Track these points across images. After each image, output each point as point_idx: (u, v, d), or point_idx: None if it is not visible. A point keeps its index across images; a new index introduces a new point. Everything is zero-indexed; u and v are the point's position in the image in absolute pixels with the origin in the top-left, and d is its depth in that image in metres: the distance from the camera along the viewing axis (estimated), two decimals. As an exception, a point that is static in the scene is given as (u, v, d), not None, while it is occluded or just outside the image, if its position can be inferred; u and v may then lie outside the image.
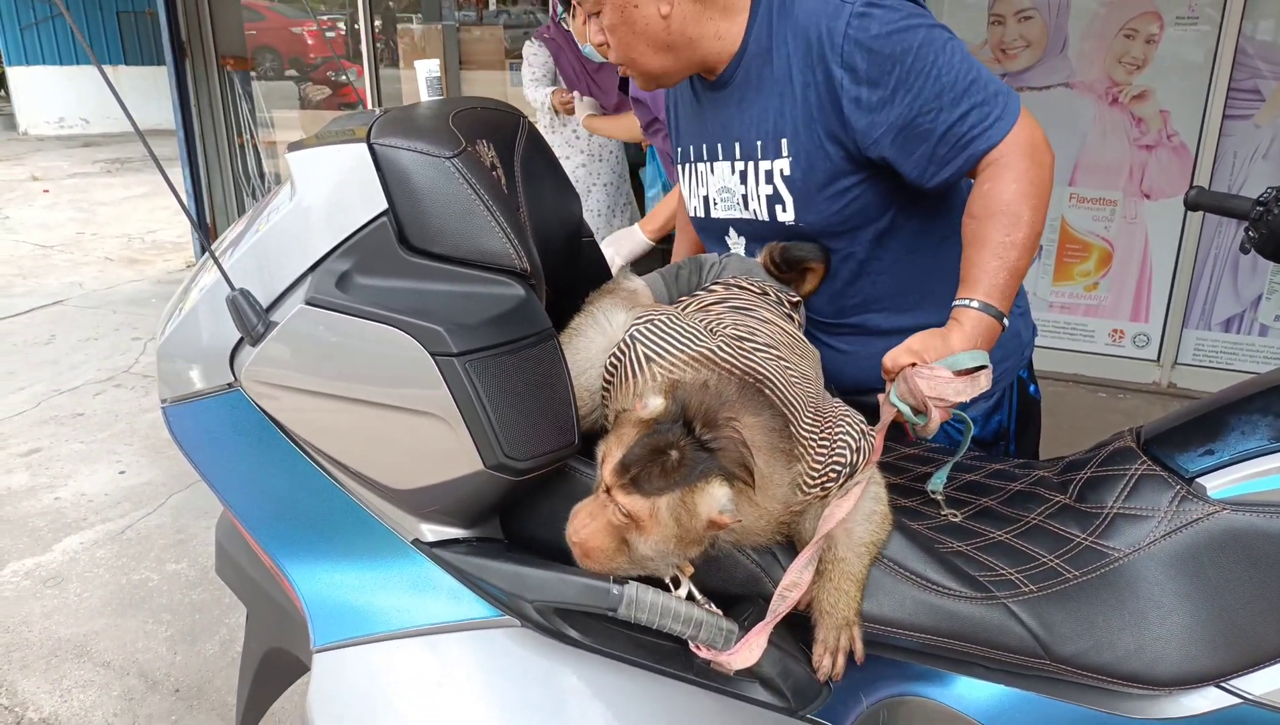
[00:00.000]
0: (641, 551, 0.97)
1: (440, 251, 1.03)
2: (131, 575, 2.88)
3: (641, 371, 1.09)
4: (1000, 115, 1.25)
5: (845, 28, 1.23)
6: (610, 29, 1.33)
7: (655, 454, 0.95)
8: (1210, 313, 3.89)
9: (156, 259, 6.65)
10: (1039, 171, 1.25)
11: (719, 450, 0.96)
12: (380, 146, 1.02)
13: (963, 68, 1.23)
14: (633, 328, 1.14)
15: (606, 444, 1.01)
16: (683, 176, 1.58)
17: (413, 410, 0.98)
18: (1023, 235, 1.25)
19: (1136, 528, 1.20)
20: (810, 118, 1.30)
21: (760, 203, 1.40)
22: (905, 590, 1.15)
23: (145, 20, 12.62)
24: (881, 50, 1.22)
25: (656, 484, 0.94)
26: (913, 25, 1.23)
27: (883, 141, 1.27)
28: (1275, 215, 1.42)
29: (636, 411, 0.99)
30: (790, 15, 1.30)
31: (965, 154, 1.26)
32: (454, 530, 1.07)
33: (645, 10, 1.28)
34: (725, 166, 1.45)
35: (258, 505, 1.12)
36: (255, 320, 1.00)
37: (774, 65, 1.32)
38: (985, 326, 1.24)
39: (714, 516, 0.95)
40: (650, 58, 1.35)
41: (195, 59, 5.65)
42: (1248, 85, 3.57)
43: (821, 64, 1.26)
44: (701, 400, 0.98)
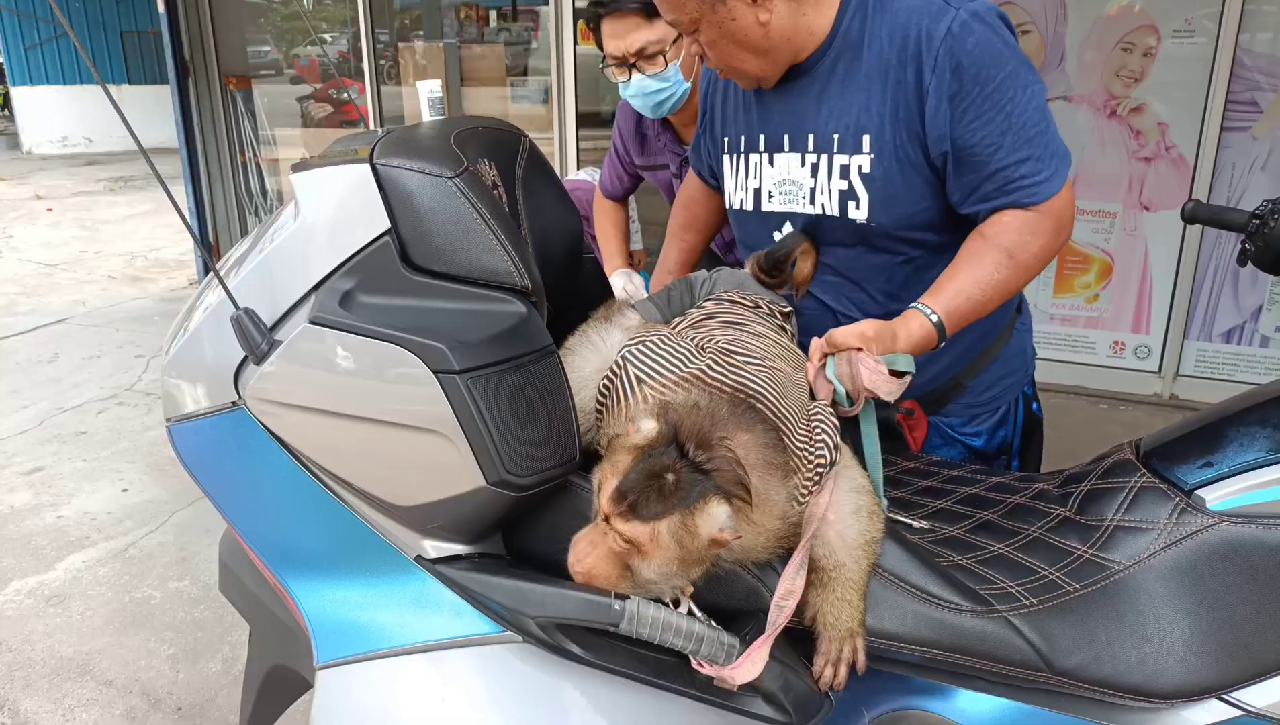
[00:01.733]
0: (645, 576, 0.98)
1: (442, 270, 1.04)
2: (134, 593, 2.88)
3: (633, 393, 1.10)
4: (1050, 177, 1.27)
5: (945, 33, 1.23)
6: (709, 44, 1.34)
7: (651, 479, 0.95)
8: (1211, 324, 3.90)
9: (159, 277, 6.68)
10: (1057, 243, 1.31)
11: (714, 471, 0.96)
12: (383, 167, 1.03)
13: (1036, 115, 1.25)
14: (624, 349, 1.15)
15: (601, 471, 1.01)
16: (729, 167, 1.55)
17: (415, 427, 0.99)
18: (1009, 279, 1.30)
19: (1136, 540, 1.20)
20: (896, 116, 1.29)
21: (831, 198, 1.38)
22: (906, 604, 1.15)
23: (149, 39, 12.70)
24: (969, 68, 1.23)
25: (655, 509, 0.95)
26: (1005, 55, 1.23)
27: (943, 155, 1.29)
28: (1271, 228, 1.43)
29: (629, 436, 1.00)
30: (887, 10, 1.29)
31: (1006, 200, 1.28)
32: (456, 547, 1.08)
33: (743, 21, 1.29)
34: (793, 159, 1.43)
35: (261, 523, 1.13)
36: (259, 339, 1.01)
37: (864, 59, 1.31)
38: (928, 337, 1.29)
39: (715, 535, 0.95)
40: (750, 63, 1.35)
41: (198, 77, 5.70)
42: (1245, 97, 3.59)
43: (915, 63, 1.26)
44: (694, 421, 0.98)
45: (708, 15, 1.28)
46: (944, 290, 1.30)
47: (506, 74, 5.59)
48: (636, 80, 1.99)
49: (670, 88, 2.00)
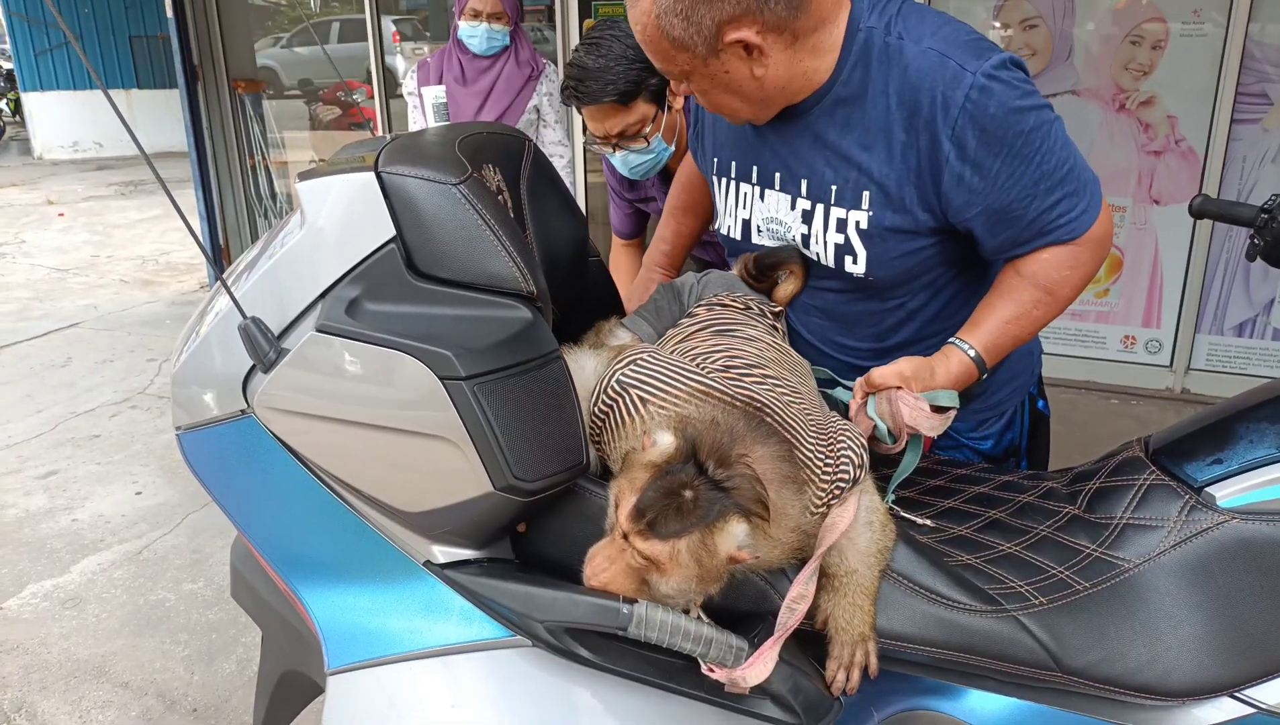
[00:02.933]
0: (662, 591, 0.99)
1: (448, 276, 1.04)
2: (149, 596, 2.91)
3: (637, 414, 1.09)
4: (1086, 208, 1.24)
5: (964, 100, 1.17)
6: (701, 91, 1.28)
7: (670, 497, 0.95)
8: (1223, 318, 3.87)
9: (170, 280, 6.72)
10: (1095, 266, 1.29)
11: (734, 489, 0.96)
12: (387, 174, 1.03)
13: (1063, 155, 1.21)
14: (617, 373, 1.14)
15: (618, 487, 1.01)
16: (719, 190, 1.51)
17: (422, 433, 1.00)
18: (1046, 313, 1.29)
19: (1146, 538, 1.20)
20: (904, 179, 1.24)
21: (826, 249, 1.34)
22: (916, 605, 1.15)
23: (158, 44, 12.76)
24: (994, 132, 1.18)
25: (674, 527, 0.95)
26: (1026, 107, 1.19)
27: (975, 219, 1.25)
28: (1279, 223, 1.42)
29: (645, 451, 1.00)
30: (896, 65, 1.21)
31: (1045, 240, 1.25)
32: (465, 552, 1.08)
33: (738, 74, 1.22)
34: (782, 199, 1.38)
35: (271, 530, 1.13)
36: (267, 347, 1.01)
37: (867, 113, 1.25)
38: (968, 373, 1.29)
39: (733, 553, 0.96)
40: (743, 110, 1.30)
41: (207, 82, 5.72)
42: (1255, 89, 3.56)
43: (929, 129, 1.20)
44: (713, 437, 0.98)
45: (700, 69, 1.22)
46: (981, 325, 1.29)
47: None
48: (620, 154, 2.01)
49: (654, 157, 2.01)
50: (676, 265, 1.84)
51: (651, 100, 1.92)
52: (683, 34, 1.16)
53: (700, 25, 1.15)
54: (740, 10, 1.14)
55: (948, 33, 1.21)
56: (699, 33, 1.16)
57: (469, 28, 3.20)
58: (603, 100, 1.89)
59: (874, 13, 1.25)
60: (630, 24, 1.22)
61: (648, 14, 1.16)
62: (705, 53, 1.18)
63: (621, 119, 1.93)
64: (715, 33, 1.16)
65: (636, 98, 1.90)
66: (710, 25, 1.15)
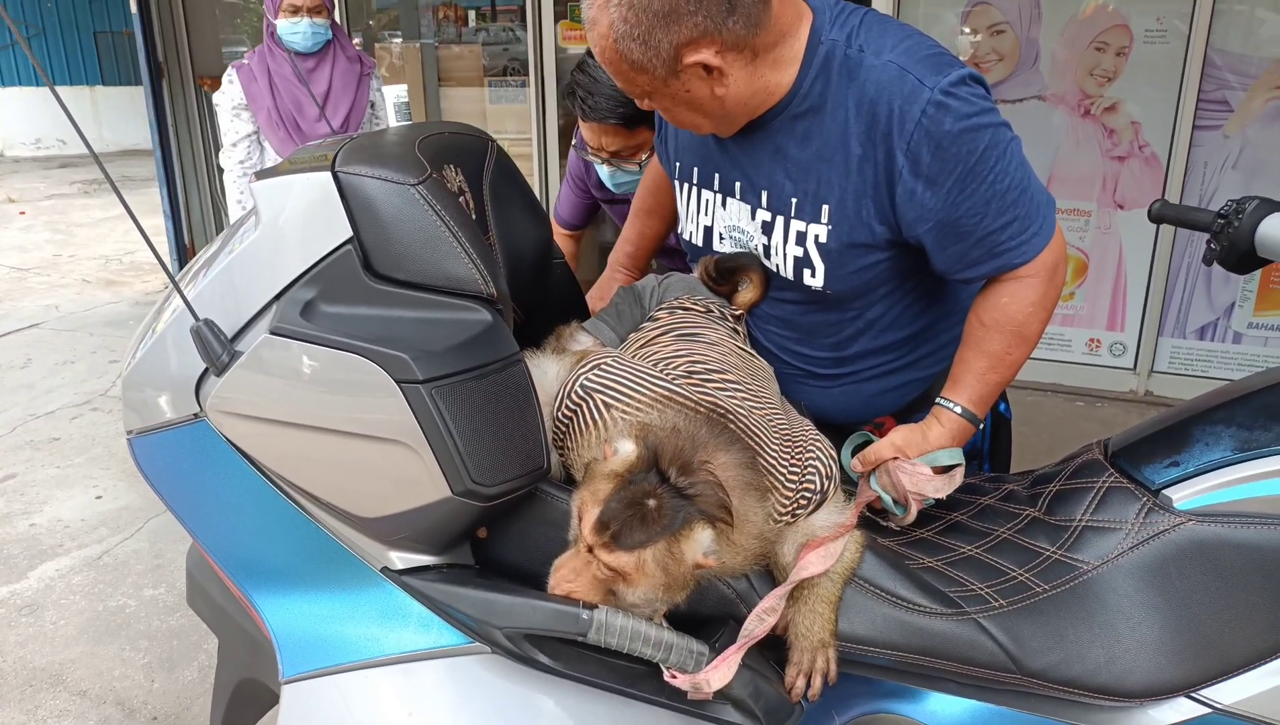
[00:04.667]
0: (629, 601, 0.99)
1: (406, 278, 1.03)
2: (108, 602, 2.85)
3: (601, 419, 1.09)
4: (1038, 231, 1.23)
5: (919, 115, 1.16)
6: (663, 109, 1.27)
7: (633, 506, 0.95)
8: (1185, 321, 3.93)
9: (134, 280, 6.61)
10: (1055, 293, 1.28)
11: (697, 495, 0.96)
12: (344, 174, 1.02)
13: (1017, 176, 1.20)
14: (581, 378, 1.13)
15: (580, 498, 1.01)
16: (681, 195, 1.51)
17: (379, 438, 0.98)
18: (1022, 354, 1.29)
19: (1105, 540, 1.21)
20: (862, 192, 1.24)
21: (785, 261, 1.33)
22: (876, 608, 1.15)
23: (123, 40, 12.56)
24: (949, 148, 1.17)
25: (638, 537, 0.95)
26: (983, 125, 1.17)
27: (925, 234, 1.24)
28: (1235, 228, 1.44)
29: (607, 459, 0.99)
30: (855, 79, 1.21)
31: (997, 262, 1.24)
32: (423, 557, 1.07)
33: (698, 93, 1.21)
34: (743, 208, 1.37)
35: (225, 536, 1.12)
36: (220, 350, 0.99)
37: (826, 125, 1.24)
38: (962, 429, 1.30)
39: (699, 559, 0.96)
40: (706, 124, 1.29)
41: (172, 79, 5.64)
42: (1216, 96, 3.62)
43: (885, 142, 1.19)
44: (675, 444, 0.98)
45: (660, 89, 1.20)
46: (961, 380, 1.30)
47: (484, 75, 5.57)
48: (609, 168, 1.99)
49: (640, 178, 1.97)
50: (640, 266, 1.84)
51: (654, 127, 1.90)
52: (641, 57, 1.14)
53: (658, 49, 1.13)
54: (698, 32, 1.13)
55: (909, 46, 1.21)
56: (657, 56, 1.14)
57: (290, 25, 3.07)
58: (608, 120, 1.87)
59: (836, 25, 1.24)
60: (590, 44, 1.20)
61: (606, 38, 1.15)
62: (665, 74, 1.17)
63: (621, 140, 1.91)
64: (673, 55, 1.14)
65: (641, 124, 1.88)
66: (668, 48, 1.13)
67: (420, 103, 5.56)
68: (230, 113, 3.20)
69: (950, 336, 1.46)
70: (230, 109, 3.20)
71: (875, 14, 1.28)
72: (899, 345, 1.42)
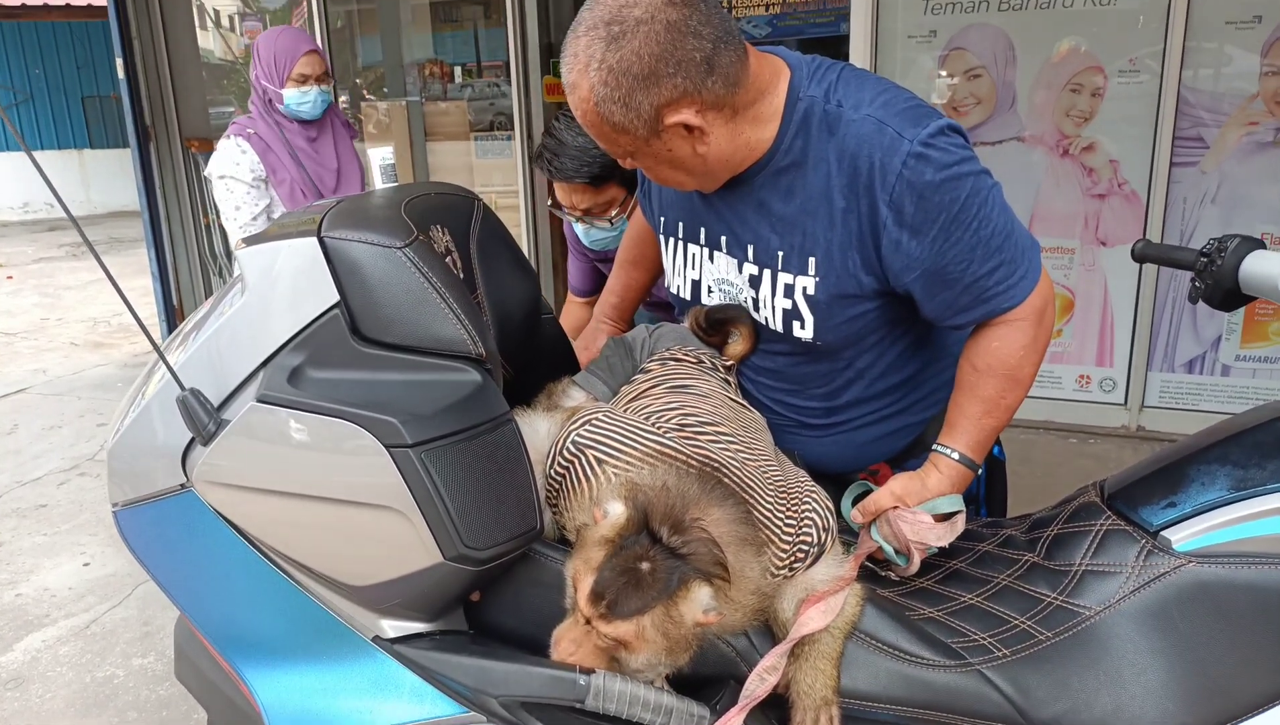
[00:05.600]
0: (633, 667, 0.97)
1: (394, 341, 1.02)
2: (96, 672, 2.79)
3: (594, 476, 1.08)
4: (1024, 275, 1.24)
5: (900, 167, 1.17)
6: (645, 167, 1.28)
7: (627, 573, 0.94)
8: (1173, 355, 3.95)
9: (123, 342, 6.59)
10: (1045, 336, 1.29)
11: (691, 554, 0.95)
12: (330, 239, 1.02)
13: (1000, 221, 1.22)
14: (573, 434, 1.12)
15: (574, 566, 0.99)
16: (667, 249, 1.51)
17: (369, 504, 0.97)
18: (1017, 398, 1.29)
19: (1105, 584, 1.19)
20: (848, 244, 1.25)
21: (775, 314, 1.34)
22: (879, 662, 1.13)
23: (110, 104, 12.69)
24: (931, 198, 1.18)
25: (635, 604, 0.93)
26: (964, 173, 1.19)
27: (913, 283, 1.25)
28: (1218, 266, 1.45)
29: (597, 523, 0.98)
30: (835, 133, 1.22)
31: (985, 308, 1.25)
32: (416, 625, 1.05)
33: (680, 152, 1.22)
34: (730, 262, 1.38)
35: (212, 609, 1.09)
36: (206, 419, 0.98)
37: (808, 180, 1.25)
38: (961, 475, 1.29)
39: (699, 619, 0.94)
40: (689, 181, 1.30)
41: (160, 141, 5.68)
42: (1191, 134, 3.68)
43: (868, 195, 1.20)
44: (665, 503, 0.97)
45: (642, 149, 1.21)
46: (957, 426, 1.30)
47: (470, 130, 5.63)
48: (583, 226, 2.01)
49: (616, 234, 1.99)
50: (626, 317, 1.84)
51: (623, 185, 1.91)
52: (623, 119, 1.15)
53: (639, 110, 1.14)
54: (678, 93, 1.14)
55: (886, 99, 1.22)
56: (639, 117, 1.15)
57: (299, 94, 2.93)
58: (574, 179, 1.89)
59: (813, 81, 1.26)
60: (571, 108, 1.21)
61: (586, 100, 1.16)
62: (647, 135, 1.18)
63: (591, 198, 1.92)
64: (655, 116, 1.15)
65: (609, 181, 1.90)
66: (649, 110, 1.14)
67: (407, 159, 5.61)
68: (249, 185, 2.98)
69: (941, 381, 1.46)
70: (250, 181, 2.98)
71: (851, 68, 1.29)
72: (890, 392, 1.42)
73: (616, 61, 1.11)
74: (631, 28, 1.11)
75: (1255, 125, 3.59)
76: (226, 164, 2.97)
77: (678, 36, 1.12)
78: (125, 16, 5.30)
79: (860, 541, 1.29)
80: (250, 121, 3.04)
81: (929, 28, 3.98)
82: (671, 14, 1.11)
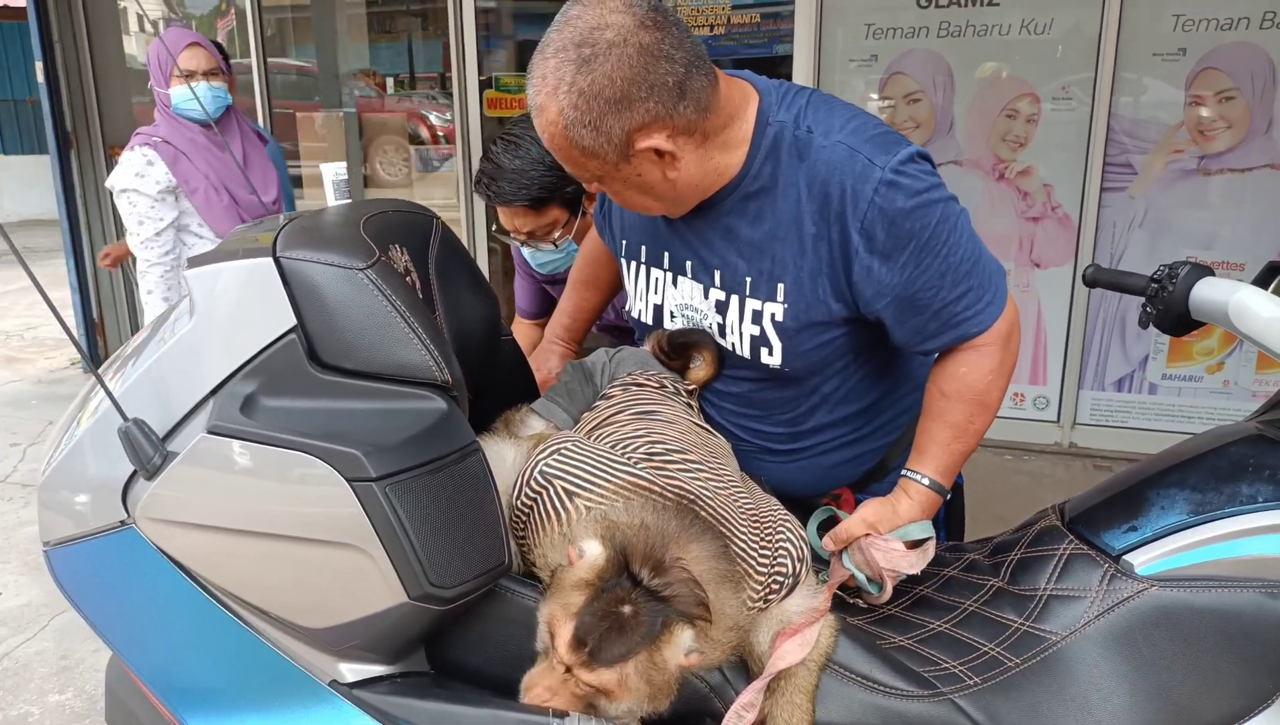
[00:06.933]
0: (612, 714, 0.93)
1: (355, 367, 0.97)
2: (9, 711, 2.62)
3: (564, 508, 1.04)
4: (991, 300, 1.25)
5: (872, 194, 1.17)
6: (613, 192, 1.25)
7: (608, 617, 0.90)
8: (1103, 374, 4.06)
9: (37, 357, 6.29)
10: (1012, 360, 1.30)
11: (673, 596, 0.92)
12: (287, 259, 0.97)
13: (969, 247, 1.22)
14: (541, 463, 1.08)
15: (549, 610, 0.95)
16: (629, 272, 1.49)
17: (329, 542, 0.92)
18: (984, 422, 1.30)
19: (1070, 609, 1.20)
20: (818, 270, 1.24)
21: (742, 340, 1.32)
22: (853, 694, 1.12)
23: (26, 108, 12.19)
24: (903, 225, 1.17)
25: (619, 651, 0.90)
26: (933, 200, 1.19)
27: (884, 309, 1.24)
28: (1169, 293, 1.48)
29: (573, 564, 0.94)
30: (805, 159, 1.21)
31: (954, 333, 1.25)
32: (375, 667, 0.99)
33: (650, 177, 1.20)
34: (695, 287, 1.36)
35: (154, 653, 1.02)
36: (151, 452, 0.92)
37: (778, 205, 1.24)
38: (931, 501, 1.29)
39: (681, 662, 0.91)
40: (657, 206, 1.27)
41: (81, 148, 5.45)
42: (1121, 160, 3.80)
43: (839, 222, 1.20)
44: (644, 542, 0.94)
45: (611, 173, 1.19)
46: (926, 451, 1.30)
47: (410, 143, 5.54)
48: (528, 249, 1.98)
49: (563, 257, 1.97)
50: (578, 338, 1.81)
51: (564, 206, 1.89)
52: (592, 143, 1.13)
53: (610, 135, 1.12)
54: (650, 118, 1.12)
55: (856, 125, 1.22)
56: (609, 142, 1.12)
57: (184, 92, 2.72)
58: (514, 203, 1.86)
59: (783, 106, 1.25)
60: (537, 131, 1.17)
61: (555, 124, 1.12)
62: (616, 159, 1.15)
63: (532, 221, 1.89)
64: (625, 141, 1.13)
65: (549, 204, 1.87)
66: (620, 134, 1.12)
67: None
68: (153, 198, 2.77)
69: (903, 406, 1.46)
70: (154, 194, 2.77)
71: (819, 94, 1.29)
72: (854, 417, 1.41)
73: (588, 85, 1.09)
74: (604, 50, 1.08)
75: (1180, 153, 3.72)
76: (128, 177, 2.78)
77: (650, 60, 1.09)
78: (46, 18, 5.09)
79: (832, 570, 1.27)
80: (155, 129, 2.86)
81: (870, 51, 4.05)
82: (644, 37, 1.09)
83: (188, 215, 2.88)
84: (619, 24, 1.09)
